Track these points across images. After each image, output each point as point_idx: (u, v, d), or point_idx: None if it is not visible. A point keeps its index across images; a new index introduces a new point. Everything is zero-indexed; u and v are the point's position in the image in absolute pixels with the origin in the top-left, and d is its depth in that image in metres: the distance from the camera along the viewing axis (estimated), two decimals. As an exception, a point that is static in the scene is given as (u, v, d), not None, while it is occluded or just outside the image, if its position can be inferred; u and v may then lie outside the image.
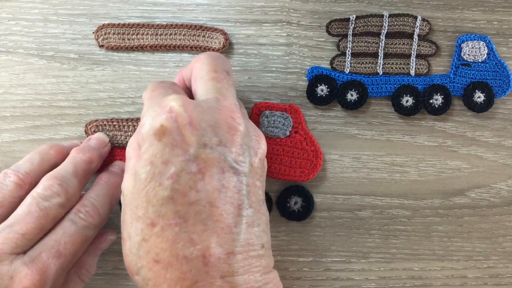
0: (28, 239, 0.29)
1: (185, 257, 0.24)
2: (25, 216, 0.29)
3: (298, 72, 0.37)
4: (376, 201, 0.37)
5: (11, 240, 0.29)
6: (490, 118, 0.37)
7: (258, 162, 0.28)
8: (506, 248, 0.37)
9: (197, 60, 0.30)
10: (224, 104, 0.27)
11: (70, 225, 0.31)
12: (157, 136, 0.26)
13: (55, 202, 0.30)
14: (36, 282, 0.28)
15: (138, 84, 0.37)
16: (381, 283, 0.37)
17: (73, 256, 0.31)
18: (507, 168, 0.37)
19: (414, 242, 0.37)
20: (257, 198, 0.27)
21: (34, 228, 0.29)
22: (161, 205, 0.25)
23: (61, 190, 0.31)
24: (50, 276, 0.29)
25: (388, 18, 0.37)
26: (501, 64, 0.36)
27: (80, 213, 0.31)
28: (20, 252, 0.29)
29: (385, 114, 0.37)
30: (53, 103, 0.37)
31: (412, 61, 0.37)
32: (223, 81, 0.29)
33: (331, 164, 0.37)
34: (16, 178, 0.31)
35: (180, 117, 0.26)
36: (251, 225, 0.26)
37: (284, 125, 0.36)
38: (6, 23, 0.37)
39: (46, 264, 0.29)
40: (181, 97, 0.27)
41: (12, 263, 0.28)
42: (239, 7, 0.37)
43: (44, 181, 0.31)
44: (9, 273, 0.28)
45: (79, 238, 0.31)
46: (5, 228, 0.29)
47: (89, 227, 0.31)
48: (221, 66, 0.30)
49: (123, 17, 0.37)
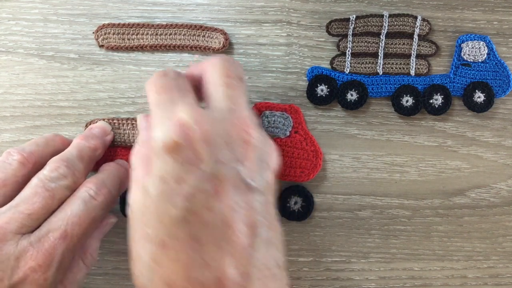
0: (34, 219, 0.29)
1: (199, 281, 0.23)
2: (31, 197, 0.29)
3: (298, 72, 0.37)
4: (376, 201, 0.37)
5: (16, 220, 0.28)
6: (490, 118, 0.37)
7: (272, 176, 0.27)
8: (506, 248, 0.37)
9: (209, 63, 0.29)
10: (238, 115, 0.26)
11: (79, 204, 0.30)
12: (168, 152, 0.24)
13: (62, 184, 0.30)
14: (42, 263, 0.28)
15: (138, 84, 0.37)
16: (381, 283, 0.37)
17: (79, 238, 0.30)
18: (507, 168, 0.37)
19: (414, 242, 0.37)
20: (271, 214, 0.26)
21: (41, 208, 0.29)
22: (173, 225, 0.24)
23: (68, 172, 0.30)
24: (56, 257, 0.28)
25: (388, 18, 0.37)
26: (501, 64, 0.36)
27: (91, 190, 0.30)
28: (25, 232, 0.28)
29: (385, 114, 0.37)
30: (53, 103, 0.37)
31: (412, 61, 0.37)
32: (236, 88, 0.28)
33: (331, 164, 0.37)
34: (20, 157, 0.31)
35: (192, 132, 0.24)
36: (267, 244, 0.25)
37: (284, 125, 0.36)
38: (6, 23, 0.37)
39: (53, 245, 0.28)
40: (191, 108, 0.25)
41: (18, 243, 0.28)
42: (239, 7, 0.37)
43: (51, 163, 0.30)
44: (15, 253, 0.27)
45: (87, 219, 0.30)
46: (10, 208, 0.29)
47: (98, 207, 0.30)
48: (235, 71, 0.28)
49: (123, 17, 0.37)
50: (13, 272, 0.27)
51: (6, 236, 0.28)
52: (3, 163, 0.31)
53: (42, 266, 0.28)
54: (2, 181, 0.30)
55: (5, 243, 0.28)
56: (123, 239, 0.37)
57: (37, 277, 0.28)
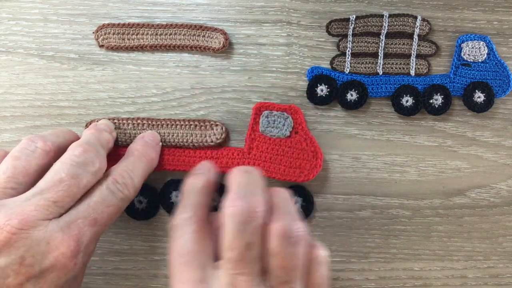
0: (60, 206, 0.28)
1: None
2: (57, 184, 0.28)
3: (298, 72, 0.37)
4: (376, 201, 0.37)
5: (43, 207, 0.27)
6: (490, 118, 0.37)
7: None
8: (506, 248, 0.37)
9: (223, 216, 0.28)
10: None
11: (108, 194, 0.30)
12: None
13: (89, 170, 0.29)
14: (73, 248, 0.27)
15: (138, 84, 0.37)
16: (381, 283, 0.37)
17: (105, 226, 0.29)
18: (507, 168, 0.37)
19: (414, 242, 0.37)
20: None
21: (66, 196, 0.28)
22: None
23: (96, 158, 0.30)
24: (84, 243, 0.28)
25: (388, 18, 0.37)
26: (501, 64, 0.36)
27: (118, 184, 0.30)
28: (53, 217, 0.28)
29: (385, 114, 0.37)
30: (53, 103, 0.37)
31: (412, 61, 0.37)
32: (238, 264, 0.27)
33: (331, 164, 0.37)
34: (43, 145, 0.30)
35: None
36: None
37: (284, 125, 0.36)
38: (6, 23, 0.37)
39: (82, 232, 0.28)
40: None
41: (47, 228, 0.27)
42: (239, 7, 0.37)
43: (76, 147, 0.30)
44: (46, 238, 0.27)
45: (115, 209, 0.30)
46: (35, 195, 0.28)
47: (125, 200, 0.31)
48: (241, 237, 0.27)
49: (123, 17, 0.37)
50: (43, 257, 0.27)
51: (35, 223, 0.27)
52: (25, 150, 0.30)
53: (72, 251, 0.27)
54: (25, 170, 0.29)
55: (35, 229, 0.27)
56: (123, 239, 0.37)
57: (67, 263, 0.27)
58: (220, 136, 0.36)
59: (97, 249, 0.37)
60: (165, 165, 0.36)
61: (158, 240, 0.37)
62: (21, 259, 0.26)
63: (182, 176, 0.37)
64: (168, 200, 0.36)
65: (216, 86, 0.37)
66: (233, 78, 0.37)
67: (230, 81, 0.37)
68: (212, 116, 0.37)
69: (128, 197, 0.31)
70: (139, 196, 0.36)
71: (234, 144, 0.37)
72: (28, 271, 0.26)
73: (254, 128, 0.36)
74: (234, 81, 0.37)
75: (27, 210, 0.27)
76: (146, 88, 0.37)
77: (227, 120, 0.37)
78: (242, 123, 0.37)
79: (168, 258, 0.29)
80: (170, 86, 0.37)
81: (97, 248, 0.37)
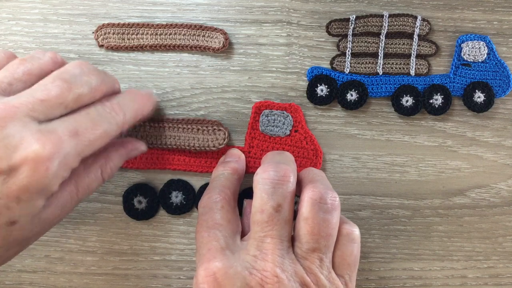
0: (47, 106, 0.26)
1: None
2: (48, 84, 0.27)
3: (298, 72, 0.37)
4: (376, 201, 0.37)
5: (29, 103, 0.26)
6: (490, 118, 0.37)
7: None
8: (506, 248, 0.37)
9: (255, 184, 0.30)
10: (259, 267, 0.27)
11: (93, 111, 0.28)
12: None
13: (84, 81, 0.28)
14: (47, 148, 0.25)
15: (138, 84, 0.37)
16: (381, 283, 0.37)
17: (89, 144, 0.27)
18: (507, 168, 0.37)
19: (414, 242, 0.37)
20: None
21: (55, 97, 0.27)
22: None
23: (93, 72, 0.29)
24: (61, 152, 0.26)
25: (388, 18, 0.37)
26: (501, 64, 0.36)
27: (105, 107, 0.29)
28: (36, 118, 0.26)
29: (385, 114, 0.37)
30: (53, 103, 0.37)
31: (412, 61, 0.37)
32: (267, 225, 0.28)
33: (331, 164, 0.37)
34: (54, 55, 0.30)
35: (215, 287, 0.27)
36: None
37: (284, 124, 0.36)
38: (6, 23, 0.37)
39: (61, 139, 0.26)
40: (226, 263, 0.27)
41: (25, 125, 0.25)
42: (239, 7, 0.37)
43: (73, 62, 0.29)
44: (21, 133, 0.25)
45: (100, 128, 0.28)
46: (25, 93, 0.27)
47: (112, 123, 0.29)
48: (271, 198, 0.29)
49: (123, 17, 0.37)
50: (15, 151, 0.25)
51: (16, 115, 0.25)
52: (32, 56, 0.29)
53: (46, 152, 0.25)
54: (27, 70, 0.28)
55: (12, 121, 0.25)
56: (123, 239, 0.37)
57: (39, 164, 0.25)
58: (222, 142, 0.36)
59: (97, 249, 0.37)
60: (165, 164, 0.36)
61: (158, 240, 0.37)
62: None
63: (182, 176, 0.37)
64: (168, 200, 0.36)
65: (216, 86, 0.37)
66: (233, 78, 0.37)
67: (230, 81, 0.37)
68: (212, 116, 0.37)
69: (116, 121, 0.29)
70: (139, 196, 0.36)
71: (234, 144, 0.37)
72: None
73: (254, 127, 0.36)
74: (234, 81, 0.37)
75: (12, 103, 0.26)
76: (146, 88, 0.37)
77: (227, 120, 0.37)
78: (242, 123, 0.37)
79: (195, 235, 0.30)
80: (170, 86, 0.37)
81: (97, 248, 0.37)
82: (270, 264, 0.27)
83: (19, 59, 0.29)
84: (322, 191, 0.29)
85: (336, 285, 0.29)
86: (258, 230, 0.28)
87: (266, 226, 0.28)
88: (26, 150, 0.25)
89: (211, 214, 0.30)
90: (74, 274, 0.37)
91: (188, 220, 0.37)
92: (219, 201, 0.31)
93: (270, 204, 0.28)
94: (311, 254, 0.28)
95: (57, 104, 0.27)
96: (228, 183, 0.33)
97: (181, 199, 0.36)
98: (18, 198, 0.25)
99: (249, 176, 0.35)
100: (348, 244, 0.30)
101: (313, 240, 0.28)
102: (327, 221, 0.28)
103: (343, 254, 0.29)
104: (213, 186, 0.33)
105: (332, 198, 0.29)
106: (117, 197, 0.37)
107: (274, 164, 0.30)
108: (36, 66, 0.29)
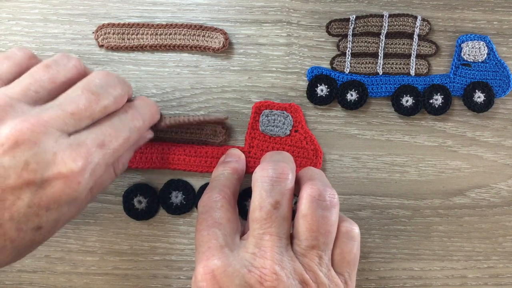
0: (77, 119, 0.27)
1: None
2: (76, 97, 0.28)
3: (298, 72, 0.37)
4: (376, 201, 0.37)
5: (59, 117, 0.27)
6: (490, 118, 0.37)
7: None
8: (506, 248, 0.37)
9: (253, 182, 0.30)
10: (258, 265, 0.27)
11: (117, 119, 0.29)
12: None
13: (110, 92, 0.29)
14: (80, 164, 0.26)
15: (138, 84, 0.37)
16: (381, 283, 0.37)
17: (114, 152, 0.29)
18: (507, 168, 0.37)
19: (414, 242, 0.37)
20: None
21: (84, 110, 0.27)
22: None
23: (117, 82, 0.30)
24: (91, 163, 0.27)
25: (388, 18, 0.37)
26: (501, 64, 0.36)
27: (127, 114, 0.30)
28: (66, 131, 0.27)
29: (385, 114, 0.37)
30: (53, 103, 0.37)
31: (412, 61, 0.37)
32: (265, 222, 0.28)
33: (331, 164, 0.37)
34: (77, 62, 0.30)
35: (213, 285, 0.27)
36: None
37: (284, 124, 0.36)
38: (6, 23, 0.37)
39: (90, 152, 0.27)
40: (225, 261, 0.28)
41: (57, 140, 0.26)
42: (239, 7, 0.37)
43: (98, 72, 0.30)
44: (54, 149, 0.26)
45: (124, 136, 0.29)
46: (54, 106, 0.27)
47: (134, 129, 0.30)
48: (269, 196, 0.29)
49: (123, 17, 0.37)
50: (47, 166, 0.25)
51: (48, 130, 0.26)
52: (56, 62, 0.29)
53: (79, 167, 0.26)
54: (52, 77, 0.29)
55: (46, 137, 0.26)
56: (123, 239, 0.37)
57: (70, 179, 0.26)
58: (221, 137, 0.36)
59: (97, 249, 0.37)
60: (165, 164, 0.36)
61: (158, 240, 0.37)
62: (25, 163, 0.25)
63: (182, 176, 0.37)
64: (168, 200, 0.36)
65: (216, 86, 0.37)
66: (233, 78, 0.37)
67: (230, 81, 0.37)
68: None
69: (137, 127, 0.30)
70: (139, 196, 0.36)
71: (234, 144, 0.37)
72: (29, 177, 0.25)
73: (254, 127, 0.36)
74: (234, 81, 0.37)
75: (42, 116, 0.26)
76: (146, 88, 0.37)
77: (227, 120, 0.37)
78: (242, 123, 0.37)
79: (194, 234, 0.30)
80: (170, 86, 0.37)
81: (97, 248, 0.37)
82: (269, 262, 0.27)
83: (43, 65, 0.29)
84: (320, 188, 0.29)
85: (336, 282, 0.29)
86: (257, 228, 0.28)
87: (264, 223, 0.28)
88: (58, 166, 0.26)
89: (211, 213, 0.30)
90: (74, 274, 0.37)
91: (188, 220, 0.37)
92: (219, 200, 0.31)
93: (269, 201, 0.28)
94: (310, 251, 0.28)
95: (85, 117, 0.28)
96: (228, 183, 0.33)
97: (181, 199, 0.36)
98: (48, 207, 0.26)
99: (249, 176, 0.35)
100: (347, 242, 0.30)
101: (312, 237, 0.28)
102: (325, 218, 0.28)
103: (343, 252, 0.29)
104: (213, 186, 0.33)
105: (330, 195, 0.29)
106: (117, 197, 0.37)
107: (272, 163, 0.30)
108: (61, 74, 0.29)
